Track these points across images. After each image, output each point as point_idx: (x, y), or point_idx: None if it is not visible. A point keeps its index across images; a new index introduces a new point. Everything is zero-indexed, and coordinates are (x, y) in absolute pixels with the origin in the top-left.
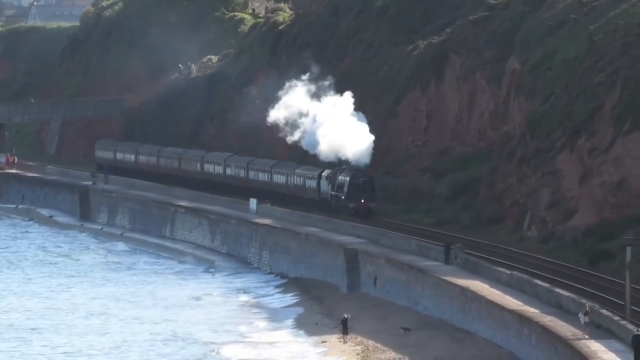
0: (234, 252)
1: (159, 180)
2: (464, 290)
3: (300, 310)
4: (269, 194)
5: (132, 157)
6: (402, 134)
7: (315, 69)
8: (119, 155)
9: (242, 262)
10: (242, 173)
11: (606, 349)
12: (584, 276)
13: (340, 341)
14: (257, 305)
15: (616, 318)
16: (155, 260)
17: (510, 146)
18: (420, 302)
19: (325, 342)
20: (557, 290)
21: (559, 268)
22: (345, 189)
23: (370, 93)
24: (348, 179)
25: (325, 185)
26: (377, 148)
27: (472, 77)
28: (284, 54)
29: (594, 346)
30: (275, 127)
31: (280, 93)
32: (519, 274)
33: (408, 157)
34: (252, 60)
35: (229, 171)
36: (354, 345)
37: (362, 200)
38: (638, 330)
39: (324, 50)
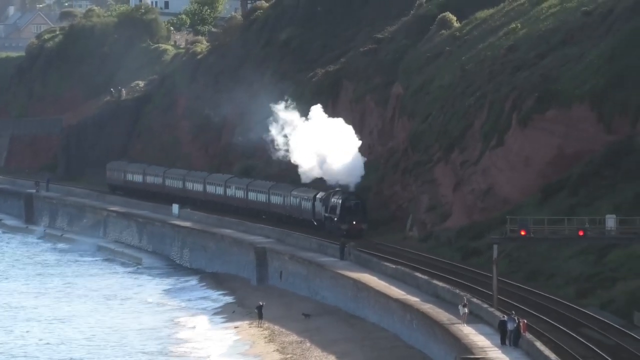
0: (159, 251)
1: (164, 201)
2: (356, 282)
3: (215, 300)
4: (267, 214)
5: (140, 177)
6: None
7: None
8: (129, 176)
9: (166, 259)
10: (242, 194)
11: (476, 332)
12: (457, 270)
13: (251, 326)
14: (177, 297)
15: (485, 306)
16: (89, 259)
17: (395, 159)
18: (319, 292)
19: (237, 327)
20: (435, 281)
21: (436, 263)
22: (338, 211)
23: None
24: (340, 201)
25: (319, 207)
26: (283, 161)
27: (362, 100)
28: (201, 79)
29: (466, 329)
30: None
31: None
32: (403, 268)
33: None
34: (173, 85)
35: (229, 192)
36: (262, 330)
37: (354, 222)
38: (503, 316)
39: (236, 76)
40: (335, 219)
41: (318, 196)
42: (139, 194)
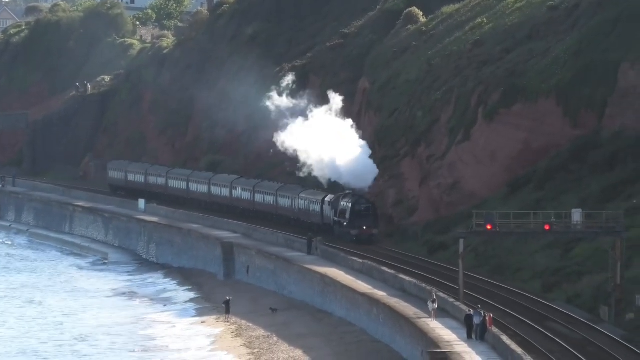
0: (125, 246)
1: (168, 203)
2: (323, 277)
3: (181, 295)
4: (275, 217)
5: (142, 178)
6: (270, 144)
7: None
8: (130, 176)
9: (132, 255)
10: (249, 196)
11: (443, 326)
12: (424, 264)
13: (218, 321)
14: (143, 292)
15: (451, 300)
16: (55, 254)
17: None
18: (286, 287)
19: (204, 322)
20: (401, 276)
21: (403, 257)
22: (348, 216)
23: (244, 107)
24: (350, 205)
25: (328, 210)
26: (250, 155)
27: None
28: (167, 74)
29: (433, 324)
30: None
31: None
32: (370, 263)
33: (276, 163)
34: (139, 80)
35: (235, 194)
36: (229, 325)
37: (364, 227)
38: (469, 311)
39: (202, 71)
40: (345, 223)
41: (327, 199)
42: (140, 196)
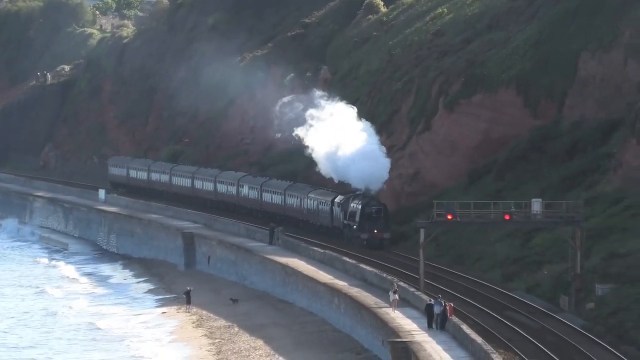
0: (85, 236)
1: (171, 201)
2: (285, 267)
3: (142, 285)
4: (283, 218)
5: (145, 174)
6: (232, 133)
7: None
8: (132, 173)
9: (92, 245)
10: (256, 194)
11: (403, 316)
12: (385, 254)
13: (178, 312)
14: (104, 282)
15: (412, 289)
16: (14, 244)
17: None
18: (248, 277)
19: (165, 312)
20: (362, 266)
21: (364, 247)
22: (357, 218)
23: (205, 97)
24: (360, 206)
25: (338, 212)
26: (212, 145)
27: (291, 84)
28: (127, 64)
29: (394, 313)
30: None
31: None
32: (331, 252)
33: (238, 153)
34: (99, 70)
35: (242, 192)
36: (190, 315)
37: (375, 231)
38: (430, 300)
39: (162, 61)
40: (355, 226)
41: (337, 200)
42: (143, 193)
